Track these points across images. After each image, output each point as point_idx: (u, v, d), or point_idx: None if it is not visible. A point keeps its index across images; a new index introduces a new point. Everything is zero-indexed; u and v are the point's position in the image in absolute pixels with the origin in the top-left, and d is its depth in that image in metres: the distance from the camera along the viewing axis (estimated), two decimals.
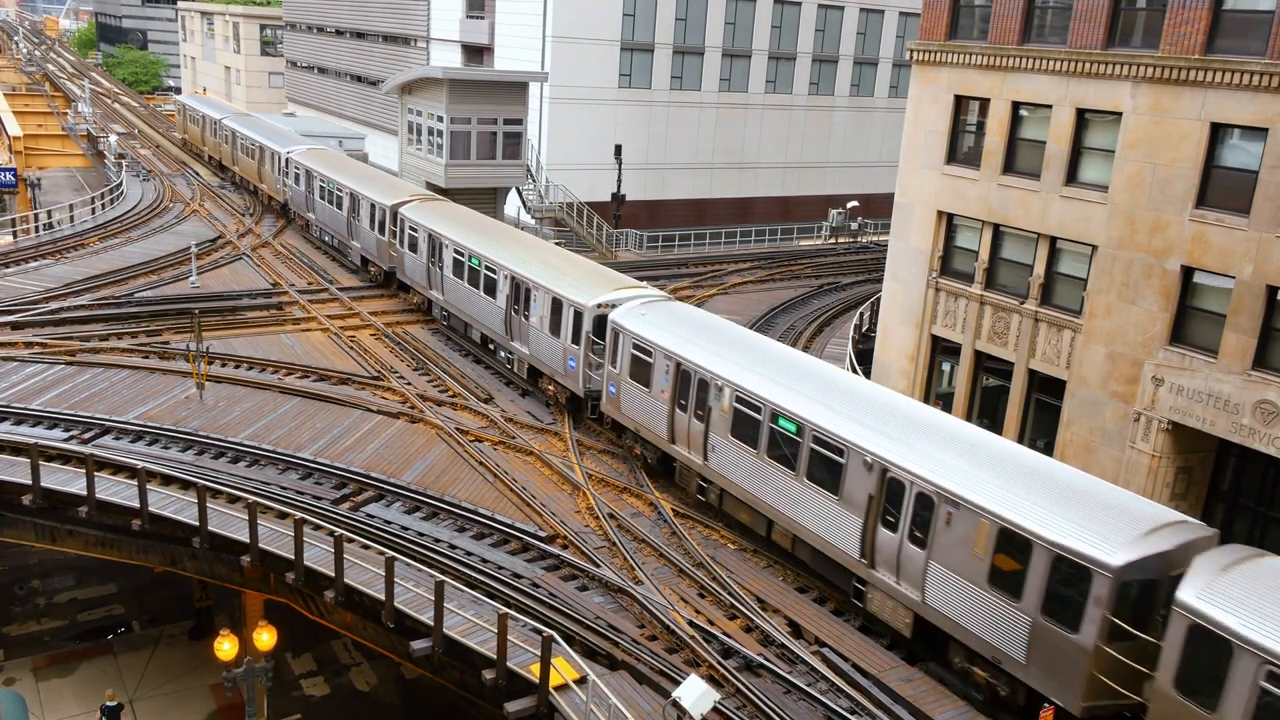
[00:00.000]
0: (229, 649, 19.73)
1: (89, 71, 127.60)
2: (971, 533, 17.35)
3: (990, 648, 17.23)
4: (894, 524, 18.89)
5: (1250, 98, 24.62)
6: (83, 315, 33.89)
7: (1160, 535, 16.08)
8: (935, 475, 18.15)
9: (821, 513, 20.36)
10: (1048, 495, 17.13)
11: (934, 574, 18.15)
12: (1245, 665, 13.75)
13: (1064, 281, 29.86)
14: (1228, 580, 14.76)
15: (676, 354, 24.02)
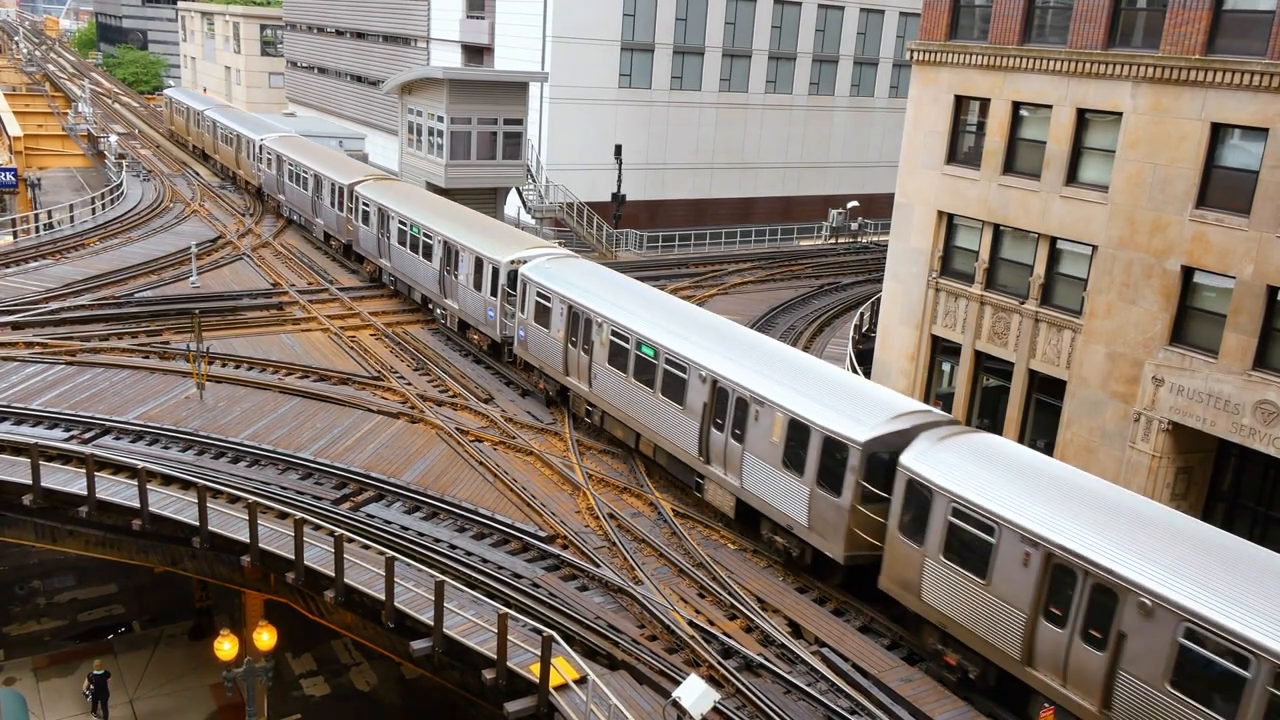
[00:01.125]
0: (229, 649, 19.75)
1: (89, 72, 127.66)
2: (771, 425, 21.35)
3: (786, 517, 21.26)
4: (721, 425, 22.82)
5: (1250, 98, 24.62)
6: (83, 315, 33.90)
7: (901, 419, 19.94)
8: (749, 382, 22.19)
9: (672, 422, 24.25)
10: (826, 394, 21.30)
11: (748, 463, 22.12)
12: (940, 505, 17.97)
13: (1064, 281, 29.86)
14: (938, 449, 18.77)
15: (569, 298, 27.83)
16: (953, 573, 17.91)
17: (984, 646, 17.62)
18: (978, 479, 17.83)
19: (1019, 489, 17.49)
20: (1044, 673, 16.76)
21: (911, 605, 18.94)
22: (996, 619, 17.25)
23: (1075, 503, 16.98)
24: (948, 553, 17.95)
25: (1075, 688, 16.17)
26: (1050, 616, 16.46)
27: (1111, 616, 15.44)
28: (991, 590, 17.29)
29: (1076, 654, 16.06)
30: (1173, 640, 14.65)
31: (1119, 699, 15.46)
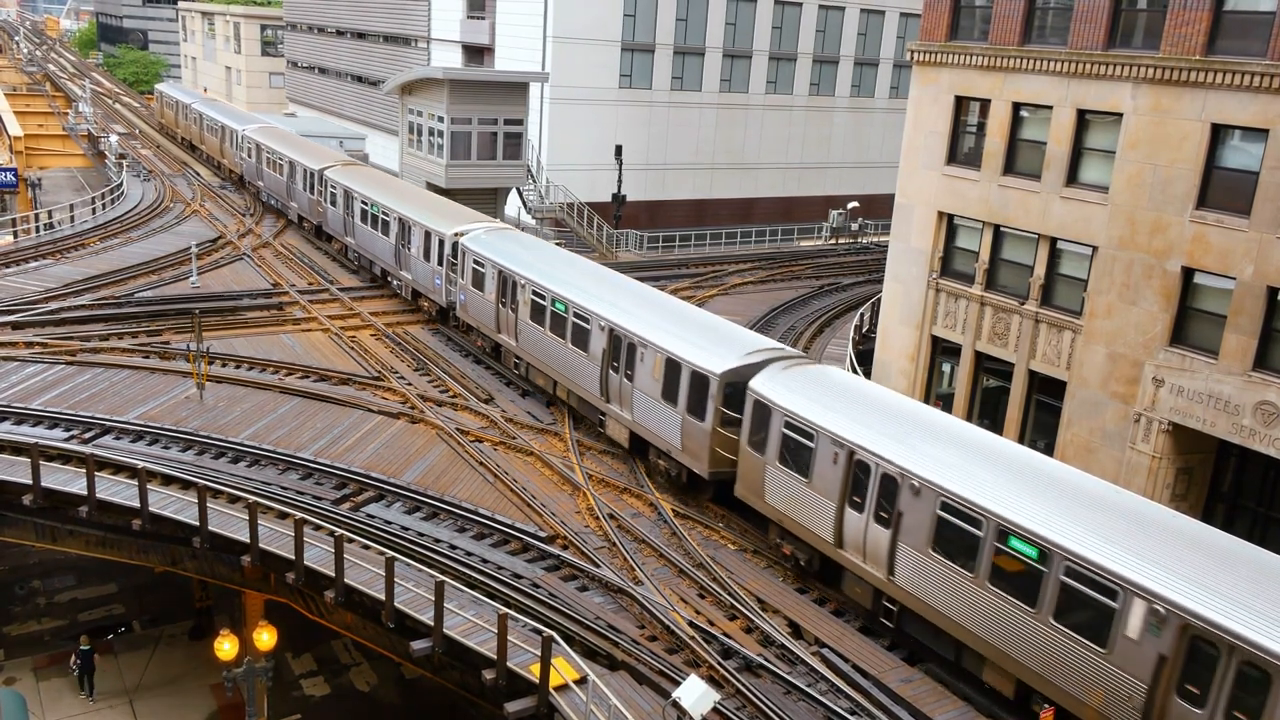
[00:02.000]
0: (229, 649, 19.74)
1: (90, 72, 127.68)
2: (653, 364, 24.74)
3: (665, 443, 24.67)
4: (617, 368, 26.15)
5: (1251, 99, 24.62)
6: (83, 315, 33.90)
7: (754, 355, 23.48)
8: (637, 329, 25.52)
9: (580, 367, 27.52)
10: (697, 337, 24.80)
11: (637, 398, 25.48)
12: (776, 419, 21.42)
13: (1064, 282, 29.86)
14: (780, 376, 22.21)
15: (499, 263, 31.29)
16: (785, 475, 21.35)
17: (809, 535, 21.02)
18: (806, 398, 21.31)
19: (836, 405, 20.91)
20: (850, 553, 20.15)
21: (758, 507, 22.38)
22: (816, 511, 20.68)
23: (877, 415, 20.38)
24: (782, 459, 21.41)
25: (871, 562, 19.58)
26: (853, 504, 19.91)
27: (895, 499, 18.82)
28: (812, 487, 20.72)
29: (872, 533, 19.45)
30: (933, 513, 18.05)
31: (899, 565, 18.89)
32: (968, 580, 17.45)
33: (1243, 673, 13.81)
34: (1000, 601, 16.97)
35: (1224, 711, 14.11)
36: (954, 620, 17.87)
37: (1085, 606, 15.75)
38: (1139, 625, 15.01)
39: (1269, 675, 13.45)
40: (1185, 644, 14.48)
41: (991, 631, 17.22)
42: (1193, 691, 14.41)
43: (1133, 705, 15.11)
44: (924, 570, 18.32)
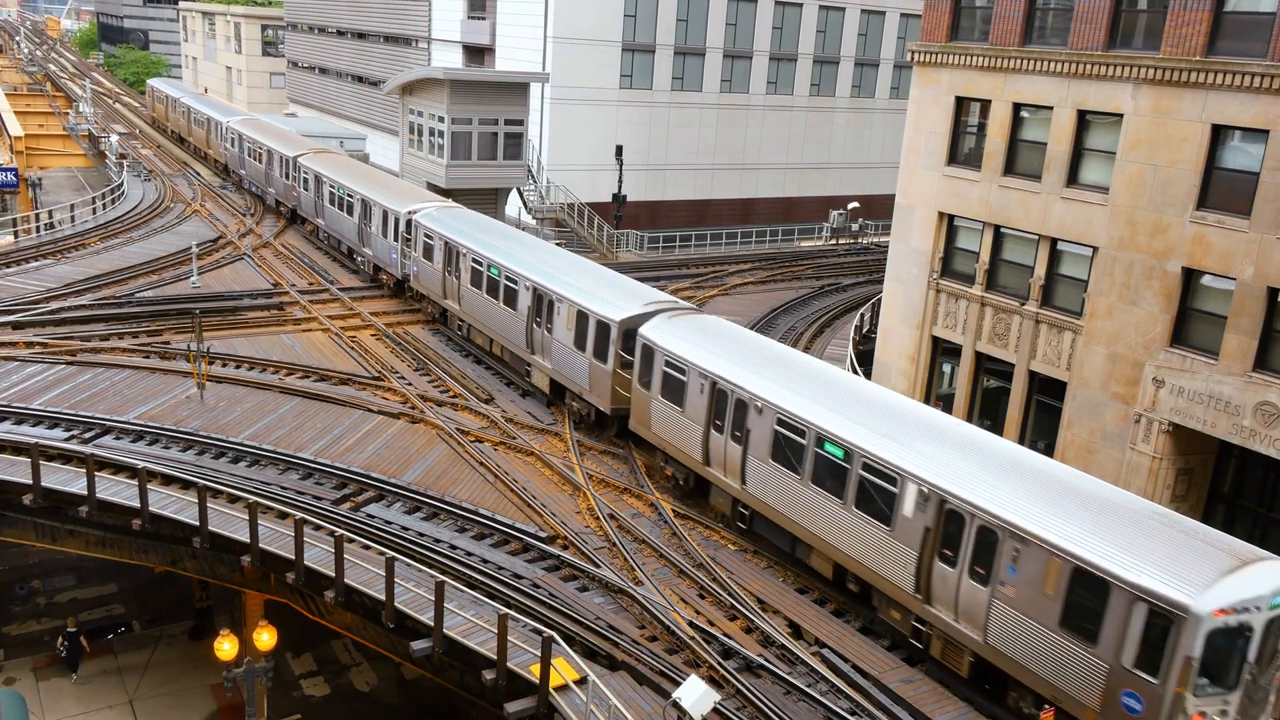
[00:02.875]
0: (229, 649, 19.73)
1: (90, 72, 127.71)
2: (567, 316, 27.91)
3: (576, 385, 27.89)
4: (540, 322, 29.20)
5: (1251, 99, 24.63)
6: (83, 315, 33.90)
7: (649, 305, 26.72)
8: (554, 285, 28.71)
9: (511, 324, 30.66)
10: (603, 291, 28.05)
11: (554, 348, 28.66)
12: (659, 359, 24.59)
13: (1065, 283, 29.87)
14: (666, 323, 25.38)
15: (446, 236, 34.22)
16: (666, 406, 24.60)
17: (684, 457, 24.28)
18: (683, 340, 24.48)
19: (707, 346, 24.07)
20: (715, 469, 23.37)
21: (646, 436, 25.68)
22: (688, 435, 23.88)
23: (739, 353, 23.71)
24: (663, 393, 24.65)
25: (730, 475, 22.76)
26: (715, 427, 23.03)
27: (745, 420, 22.08)
28: (685, 414, 23.93)
29: (729, 450, 22.59)
30: (772, 428, 21.35)
31: (749, 475, 22.18)
32: (796, 482, 20.90)
33: (980, 535, 17.25)
34: (819, 497, 20.37)
35: (968, 567, 17.48)
36: (788, 517, 21.32)
37: (876, 494, 19.14)
38: (911, 504, 18.41)
39: (997, 535, 16.94)
40: (942, 516, 17.88)
41: (814, 523, 20.60)
42: (948, 554, 17.87)
43: (909, 571, 18.54)
44: (766, 477, 21.74)
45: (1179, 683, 14.67)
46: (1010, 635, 16.83)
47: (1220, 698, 14.97)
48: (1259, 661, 15.06)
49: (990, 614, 17.10)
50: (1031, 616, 16.41)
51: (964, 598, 17.59)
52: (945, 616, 18.09)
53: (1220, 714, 14.99)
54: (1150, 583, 14.91)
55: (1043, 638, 16.28)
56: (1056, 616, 16.05)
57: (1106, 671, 15.44)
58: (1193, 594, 14.60)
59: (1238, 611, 14.64)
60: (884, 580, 19.12)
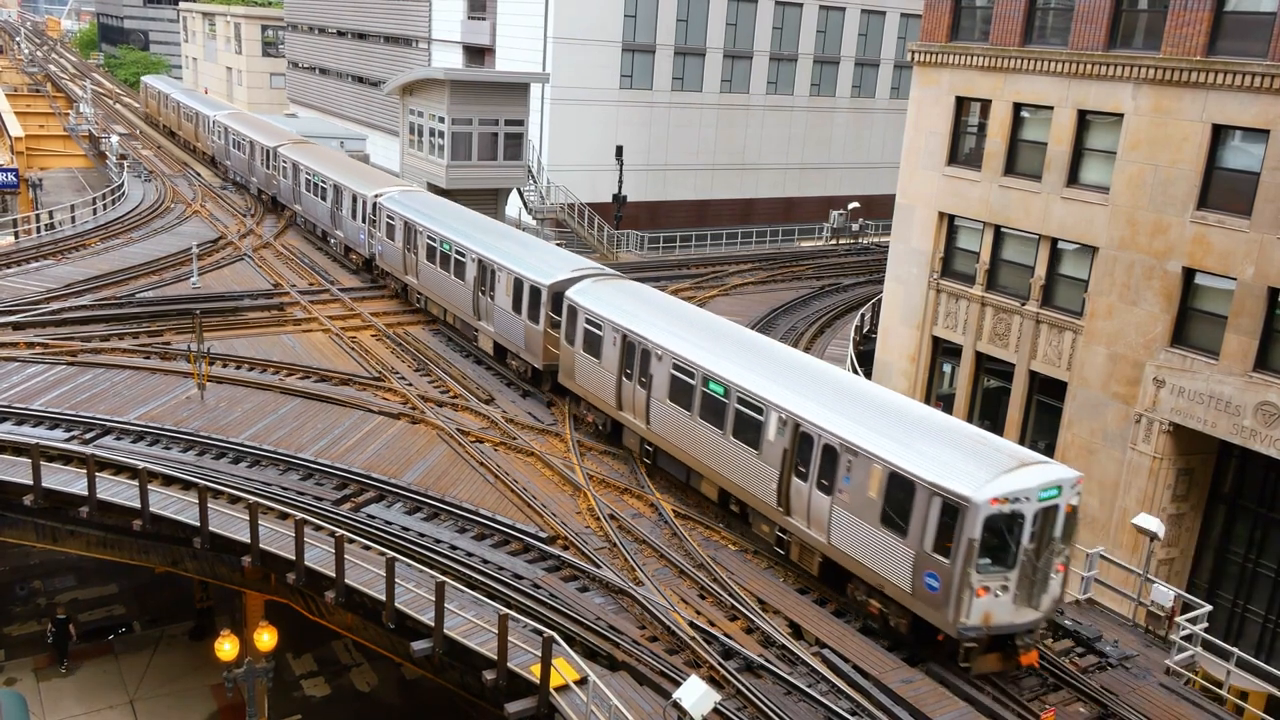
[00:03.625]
0: (230, 649, 19.74)
1: (90, 72, 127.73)
2: (505, 284, 30.80)
3: (516, 346, 30.83)
4: (484, 290, 32.20)
5: (1252, 99, 24.63)
6: (84, 316, 33.90)
7: (576, 272, 29.26)
8: (495, 257, 31.62)
9: (461, 295, 33.55)
10: (536, 260, 30.90)
11: (496, 313, 31.46)
12: (581, 317, 27.19)
13: (1065, 283, 29.87)
14: (590, 287, 27.86)
15: (405, 216, 37.08)
16: (587, 360, 27.11)
17: (601, 404, 26.92)
18: (602, 301, 26.99)
19: (622, 305, 26.66)
20: (626, 412, 26.02)
21: (572, 388, 28.34)
22: (605, 383, 26.48)
23: (649, 312, 26.25)
24: (585, 348, 27.18)
25: (638, 416, 25.50)
26: (625, 375, 25.71)
27: (648, 366, 24.76)
28: (602, 365, 26.53)
29: (636, 394, 25.37)
30: (669, 372, 24.05)
31: (652, 415, 24.91)
32: (687, 418, 23.62)
33: (824, 452, 20.05)
34: (706, 430, 23.10)
35: (815, 480, 20.25)
36: (683, 449, 24.07)
37: (747, 424, 21.92)
38: (774, 430, 21.19)
39: (836, 450, 19.73)
40: (797, 439, 20.71)
41: (703, 453, 23.39)
42: (801, 470, 20.69)
43: (772, 487, 21.36)
44: (665, 416, 24.46)
45: (965, 562, 17.41)
46: (846, 535, 19.73)
47: (1000, 575, 17.76)
48: (1035, 545, 17.84)
49: (832, 518, 20.03)
50: (861, 517, 19.35)
51: (813, 506, 20.48)
52: (800, 524, 20.98)
53: (1001, 589, 17.79)
54: (942, 480, 17.81)
55: (869, 534, 19.20)
56: (878, 515, 18.94)
57: (913, 557, 18.29)
58: (973, 487, 17.42)
59: (1011, 501, 17.44)
60: (755, 498, 22.06)
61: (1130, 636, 21.06)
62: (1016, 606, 18.07)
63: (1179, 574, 27.43)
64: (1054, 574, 18.39)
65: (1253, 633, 26.75)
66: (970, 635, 17.93)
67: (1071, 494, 18.14)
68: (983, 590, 17.63)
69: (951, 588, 17.63)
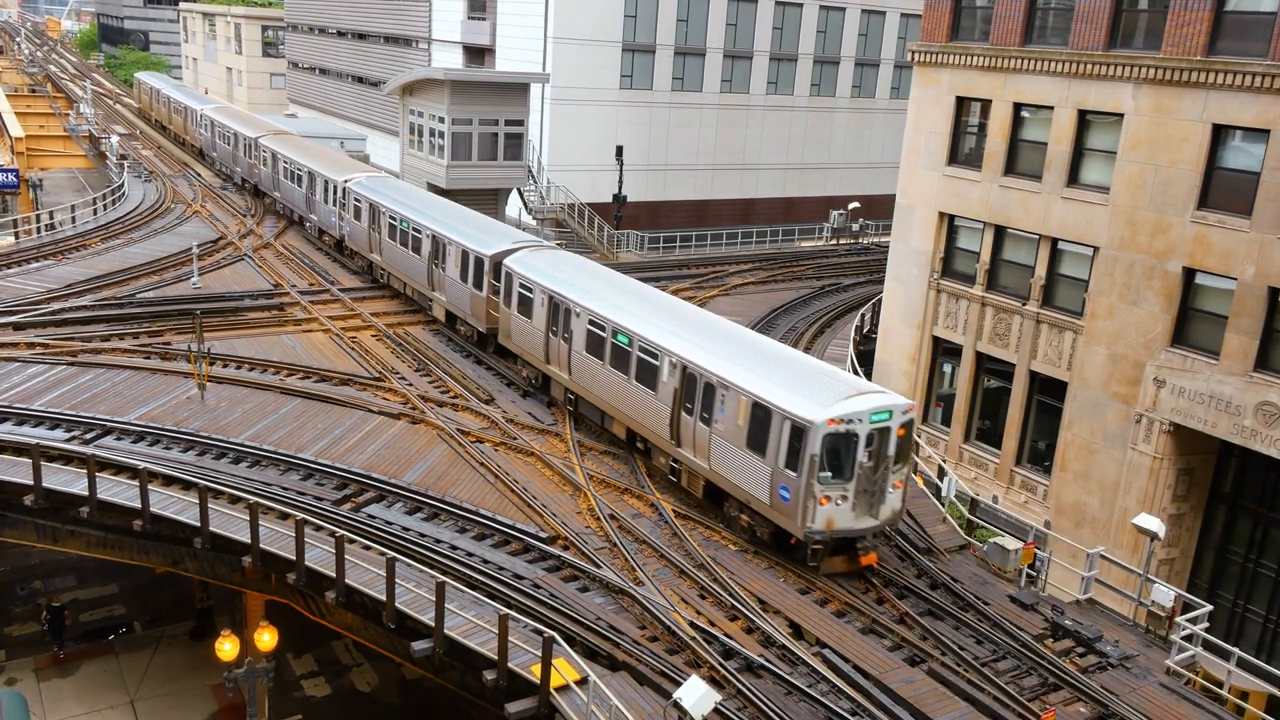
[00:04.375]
0: (230, 649, 19.75)
1: (91, 73, 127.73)
2: (455, 256, 33.60)
3: (463, 312, 33.66)
4: (437, 263, 34.99)
5: (1252, 99, 24.63)
6: (84, 316, 33.89)
7: (516, 244, 32.40)
8: (447, 232, 34.29)
9: (417, 268, 36.47)
10: (479, 234, 33.77)
11: (448, 284, 34.50)
12: (515, 281, 30.08)
13: (1065, 283, 29.88)
14: (526, 256, 30.90)
15: (370, 199, 40.24)
16: (522, 320, 29.95)
17: (533, 359, 29.79)
18: (535, 268, 29.89)
19: (552, 271, 29.58)
20: (553, 365, 28.75)
21: (510, 347, 31.21)
22: (536, 340, 29.34)
23: (575, 275, 29.34)
24: (519, 310, 30.00)
25: (562, 368, 28.36)
26: (552, 331, 28.47)
27: (569, 323, 27.77)
28: (533, 324, 29.25)
29: (560, 348, 28.31)
30: (586, 328, 26.99)
31: (573, 366, 27.76)
32: (600, 367, 26.49)
33: (705, 389, 23.06)
34: (615, 376, 25.94)
35: (699, 413, 23.25)
36: (598, 395, 26.95)
37: (647, 369, 24.80)
38: (667, 373, 24.21)
39: (714, 387, 22.76)
40: (686, 378, 23.66)
41: (614, 397, 26.27)
42: (688, 406, 23.64)
43: (666, 422, 24.35)
44: (584, 366, 27.32)
45: (809, 475, 20.41)
46: (722, 459, 22.74)
47: (840, 486, 20.80)
48: (871, 461, 20.93)
49: (711, 446, 23.05)
50: (732, 443, 22.31)
51: (697, 437, 23.53)
52: (688, 454, 24.02)
53: (841, 498, 20.84)
54: (790, 406, 20.94)
55: (738, 457, 22.22)
56: (745, 439, 21.97)
57: (770, 473, 21.31)
58: (814, 411, 20.57)
59: (845, 422, 20.53)
60: (654, 434, 25.05)
61: (1131, 636, 21.06)
62: (856, 514, 21.11)
63: (1179, 574, 27.43)
64: (892, 489, 21.43)
65: (1253, 633, 26.75)
66: (816, 538, 21.02)
67: (902, 418, 21.17)
68: (825, 499, 20.70)
69: (799, 497, 20.70)
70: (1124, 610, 22.35)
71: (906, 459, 21.75)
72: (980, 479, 32.29)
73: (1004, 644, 19.94)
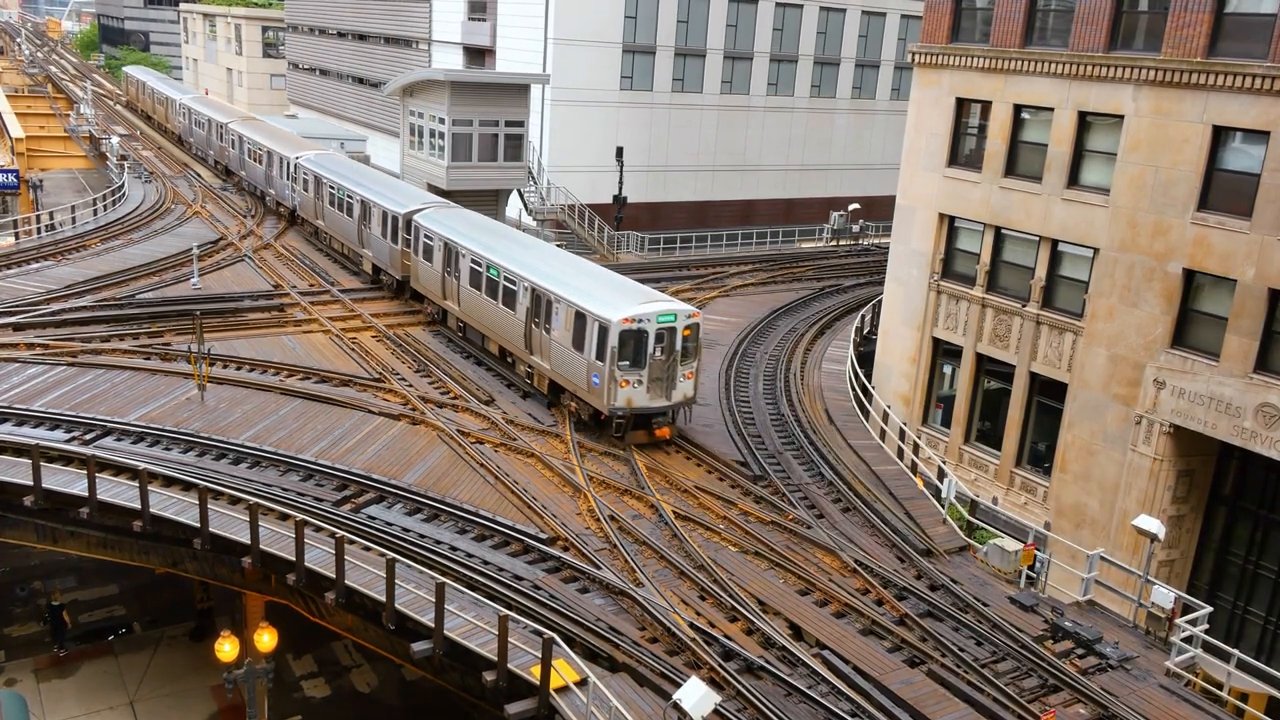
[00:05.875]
0: (230, 650, 19.74)
1: (91, 73, 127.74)
2: (378, 217, 39.30)
3: (385, 263, 39.02)
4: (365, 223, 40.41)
5: (1252, 101, 24.63)
6: (84, 316, 33.89)
7: (426, 204, 38.15)
8: (371, 196, 40.30)
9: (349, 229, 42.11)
10: (397, 196, 39.78)
11: (373, 239, 40.04)
12: (421, 233, 35.66)
13: (1065, 284, 29.88)
14: (431, 213, 36.54)
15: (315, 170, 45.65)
16: (426, 265, 35.73)
17: (434, 296, 35.79)
18: (436, 221, 35.68)
19: (448, 224, 35.24)
20: (449, 301, 34.62)
21: (418, 289, 36.99)
22: (436, 280, 35.19)
23: (464, 225, 35.14)
24: (424, 256, 35.83)
25: (454, 301, 34.09)
26: (448, 272, 34.23)
27: (458, 263, 33.58)
28: (434, 267, 35.17)
29: (452, 284, 34.18)
30: (470, 266, 33.06)
31: (461, 298, 33.85)
32: (478, 296, 32.45)
33: (548, 305, 28.74)
34: (489, 303, 31.87)
35: (543, 325, 28.95)
36: (481, 321, 32.76)
37: (510, 294, 30.68)
38: (522, 295, 29.90)
39: (552, 302, 28.54)
40: (534, 298, 29.40)
41: (489, 321, 32.18)
42: (537, 319, 29.35)
43: (522, 334, 30.09)
44: (469, 298, 33.27)
45: (611, 363, 26.30)
46: (558, 360, 28.60)
47: (636, 372, 26.70)
48: (664, 355, 26.89)
49: (551, 350, 28.83)
50: (563, 344, 28.14)
51: (542, 344, 29.30)
52: (538, 359, 29.78)
53: (637, 382, 26.73)
54: (598, 310, 26.93)
55: (568, 355, 28.00)
56: (571, 340, 27.77)
57: (587, 365, 27.17)
58: (614, 313, 26.54)
59: (637, 322, 26.51)
60: (515, 346, 30.88)
61: (1130, 638, 21.06)
62: (651, 396, 27.05)
63: (1179, 575, 27.43)
64: (683, 379, 27.44)
65: (1253, 634, 26.74)
66: (619, 414, 26.83)
67: (686, 321, 27.21)
68: (625, 382, 26.59)
69: (605, 382, 26.61)
70: (1124, 612, 22.34)
71: (694, 356, 27.50)
72: (980, 480, 32.28)
73: (1004, 645, 19.94)
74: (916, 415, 34.49)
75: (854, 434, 30.19)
